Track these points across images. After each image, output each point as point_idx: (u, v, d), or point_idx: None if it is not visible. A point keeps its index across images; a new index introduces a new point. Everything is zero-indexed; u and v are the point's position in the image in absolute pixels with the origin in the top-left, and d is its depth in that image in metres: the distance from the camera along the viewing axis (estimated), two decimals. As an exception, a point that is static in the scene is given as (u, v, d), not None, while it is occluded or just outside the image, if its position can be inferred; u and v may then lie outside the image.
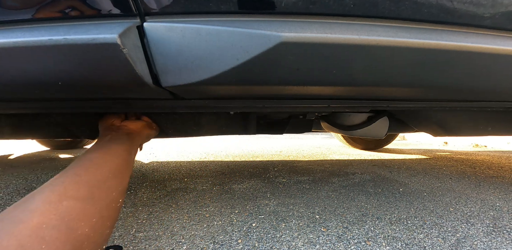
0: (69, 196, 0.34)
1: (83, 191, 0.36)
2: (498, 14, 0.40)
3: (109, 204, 0.38)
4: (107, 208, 0.38)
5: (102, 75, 0.35)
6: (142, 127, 0.61)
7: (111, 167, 0.42)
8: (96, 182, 0.38)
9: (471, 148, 2.56)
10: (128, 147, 0.51)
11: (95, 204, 0.36)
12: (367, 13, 0.37)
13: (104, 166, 0.42)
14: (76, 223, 0.32)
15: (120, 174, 0.43)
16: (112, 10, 0.34)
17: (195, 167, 1.36)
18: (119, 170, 0.44)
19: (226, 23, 0.35)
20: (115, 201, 0.40)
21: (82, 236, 0.32)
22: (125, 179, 0.45)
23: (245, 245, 0.57)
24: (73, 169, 0.39)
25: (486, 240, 0.61)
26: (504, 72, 0.45)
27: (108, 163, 0.43)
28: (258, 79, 0.39)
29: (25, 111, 0.58)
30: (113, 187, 0.40)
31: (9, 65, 0.34)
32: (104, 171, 0.41)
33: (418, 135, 3.38)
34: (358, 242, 0.59)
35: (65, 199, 0.33)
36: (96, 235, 0.34)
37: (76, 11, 0.34)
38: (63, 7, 0.33)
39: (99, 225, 0.35)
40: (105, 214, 0.37)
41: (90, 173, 0.39)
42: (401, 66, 0.40)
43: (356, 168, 1.36)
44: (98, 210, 0.36)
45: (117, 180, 0.42)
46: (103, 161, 0.43)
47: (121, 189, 0.42)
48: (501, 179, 1.18)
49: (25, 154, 1.77)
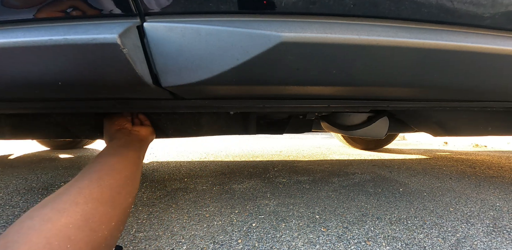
0: (94, 199, 0.35)
1: (106, 195, 0.37)
2: (498, 14, 0.40)
3: (126, 209, 0.40)
4: (124, 212, 0.39)
5: (102, 75, 0.35)
6: (150, 133, 0.63)
7: (128, 173, 0.43)
8: (117, 187, 0.39)
9: (471, 148, 2.56)
10: (140, 153, 0.52)
11: (115, 208, 0.37)
12: (367, 13, 0.37)
13: (123, 171, 0.43)
14: (98, 226, 0.33)
15: (135, 179, 0.45)
16: (112, 10, 0.34)
17: (195, 167, 1.36)
18: (134, 176, 0.45)
19: (226, 23, 0.34)
20: (130, 206, 0.41)
21: (102, 238, 0.33)
22: (137, 185, 0.46)
23: (245, 245, 0.57)
24: (96, 173, 0.40)
25: (486, 240, 0.61)
26: (504, 72, 0.45)
27: (126, 169, 0.44)
28: (258, 79, 0.39)
29: (25, 111, 0.58)
30: (130, 193, 0.42)
31: (9, 65, 0.34)
32: (123, 177, 0.42)
33: (418, 135, 3.38)
34: (358, 242, 0.59)
35: (90, 201, 0.34)
36: (112, 238, 0.36)
37: (76, 11, 0.34)
38: (63, 7, 0.33)
39: (116, 229, 0.36)
40: (122, 218, 0.38)
41: (111, 178, 0.40)
42: (401, 66, 0.40)
43: (356, 168, 1.36)
44: (117, 214, 0.37)
45: (133, 185, 0.43)
46: (122, 167, 0.43)
47: (135, 194, 0.44)
48: (501, 179, 1.18)
49: (25, 154, 1.77)
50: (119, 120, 0.60)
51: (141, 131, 0.59)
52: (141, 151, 0.53)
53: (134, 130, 0.59)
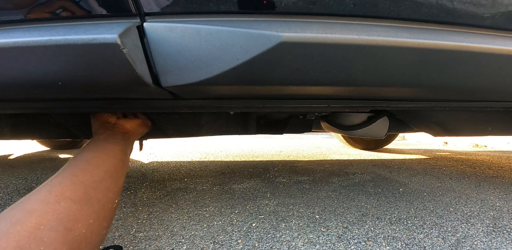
0: (66, 197, 0.34)
1: (80, 192, 0.35)
2: (498, 14, 0.40)
3: (106, 205, 0.38)
4: (103, 209, 0.38)
5: (102, 75, 0.35)
6: (137, 125, 0.60)
7: (107, 168, 0.42)
8: (92, 183, 0.38)
9: (471, 148, 2.56)
10: (123, 146, 0.50)
11: (92, 205, 0.36)
12: (367, 13, 0.37)
13: (101, 166, 0.41)
14: (74, 224, 0.32)
15: (116, 174, 0.43)
16: (112, 10, 0.34)
17: (195, 167, 1.36)
18: (115, 170, 0.43)
19: (226, 23, 0.35)
20: (111, 202, 0.40)
21: (80, 237, 0.32)
22: (121, 179, 0.45)
23: (245, 245, 0.57)
24: (70, 170, 0.39)
25: (486, 240, 0.61)
26: (504, 72, 0.45)
27: (105, 163, 0.42)
28: (258, 79, 0.39)
29: (25, 111, 0.58)
30: (110, 188, 0.40)
31: (9, 65, 0.34)
32: (101, 172, 0.40)
33: (418, 135, 3.38)
34: (358, 242, 0.59)
35: (62, 200, 0.33)
36: (93, 235, 0.34)
37: (76, 11, 0.34)
38: (63, 7, 0.33)
39: (96, 226, 0.35)
40: (102, 215, 0.37)
41: (87, 173, 0.39)
42: (401, 66, 0.40)
43: (356, 168, 1.36)
44: (95, 211, 0.36)
45: (113, 180, 0.42)
46: (99, 162, 0.42)
47: (117, 189, 0.42)
48: (501, 179, 1.18)
49: (25, 154, 1.77)
50: (104, 114, 0.58)
51: (125, 124, 0.57)
52: (126, 144, 0.51)
53: (118, 123, 0.56)
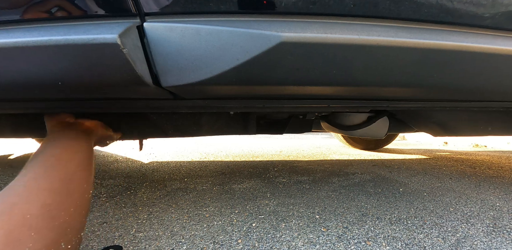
0: (45, 189, 0.37)
1: (57, 184, 0.39)
2: (498, 14, 0.40)
3: (83, 194, 0.42)
4: (81, 198, 0.41)
5: (102, 75, 0.35)
6: (97, 125, 0.62)
7: (78, 161, 0.45)
8: (67, 176, 0.41)
9: (471, 148, 2.56)
10: (87, 142, 0.52)
11: (71, 195, 0.39)
12: (367, 13, 0.37)
13: (72, 160, 0.44)
14: (57, 213, 0.35)
15: (87, 166, 0.46)
16: (112, 10, 0.34)
17: (195, 167, 1.36)
18: (86, 163, 0.46)
19: (226, 23, 0.35)
20: (87, 192, 0.43)
21: (65, 223, 0.36)
22: (92, 171, 0.48)
23: (245, 245, 0.57)
24: (40, 166, 0.41)
25: (486, 240, 0.61)
26: (504, 72, 0.45)
27: (74, 158, 0.45)
28: (258, 79, 0.39)
29: (25, 111, 0.58)
30: (84, 179, 0.43)
31: (9, 65, 0.34)
32: (73, 165, 0.43)
33: (418, 135, 3.38)
34: (358, 242, 0.59)
35: (41, 192, 0.36)
36: (75, 222, 0.38)
37: (76, 11, 0.34)
38: (63, 7, 0.33)
39: (77, 214, 0.39)
40: (80, 203, 0.40)
41: (59, 168, 0.41)
42: (401, 66, 0.40)
43: (356, 168, 1.36)
44: (74, 200, 0.39)
45: (85, 172, 0.45)
46: (68, 156, 0.45)
47: (90, 181, 0.45)
48: (501, 179, 1.18)
49: (25, 154, 1.77)
50: (59, 115, 0.59)
51: (85, 122, 0.59)
52: (89, 140, 0.54)
53: (78, 121, 0.59)
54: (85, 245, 0.56)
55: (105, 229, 0.64)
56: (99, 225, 0.66)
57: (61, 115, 0.59)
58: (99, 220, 0.69)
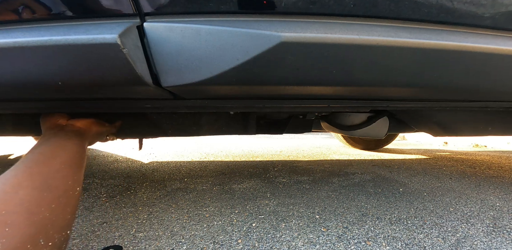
0: (25, 186, 0.37)
1: (37, 181, 0.38)
2: (498, 14, 0.40)
3: (66, 191, 0.41)
4: (65, 195, 0.41)
5: (102, 75, 0.35)
6: (89, 123, 0.61)
7: (63, 159, 0.45)
8: (50, 172, 0.41)
9: (471, 148, 2.56)
10: (78, 141, 0.52)
11: (52, 192, 0.39)
12: (367, 13, 0.37)
13: (56, 157, 0.44)
14: (36, 208, 0.35)
15: (74, 164, 0.46)
16: (112, 10, 0.34)
17: (195, 167, 1.36)
18: (73, 161, 0.46)
19: (226, 23, 0.35)
20: (72, 189, 0.43)
21: (45, 220, 0.35)
22: (80, 169, 0.47)
23: (245, 245, 0.57)
24: (24, 163, 0.41)
25: (486, 240, 0.61)
26: (504, 72, 0.45)
27: (60, 155, 0.45)
28: (258, 79, 0.39)
29: (25, 111, 0.58)
30: (68, 176, 0.43)
31: (9, 65, 0.34)
32: (56, 162, 0.43)
33: (418, 135, 3.38)
34: (358, 242, 0.59)
35: (20, 189, 0.36)
36: (58, 219, 0.37)
37: (76, 11, 0.34)
38: (63, 7, 0.33)
39: (60, 211, 0.38)
40: (63, 200, 0.40)
41: (42, 164, 0.41)
42: (401, 66, 0.40)
43: (356, 168, 1.36)
44: (56, 197, 0.39)
45: (71, 170, 0.44)
46: (53, 154, 0.45)
47: (76, 178, 0.45)
48: (501, 179, 1.18)
49: (25, 154, 1.77)
50: (53, 116, 0.59)
51: (76, 123, 0.59)
52: (80, 139, 0.54)
53: (69, 123, 0.59)
54: (85, 245, 0.56)
55: (105, 229, 0.64)
56: (99, 225, 0.66)
57: (55, 116, 0.59)
58: (99, 220, 0.69)
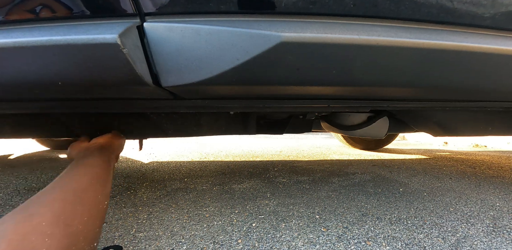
0: (59, 200, 0.40)
1: (71, 196, 0.42)
2: (498, 14, 0.40)
3: (97, 205, 0.45)
4: (95, 208, 0.44)
5: (102, 75, 0.35)
6: (110, 138, 0.67)
7: (92, 175, 0.49)
8: (81, 188, 0.45)
9: (471, 148, 2.56)
10: (104, 157, 0.57)
11: (84, 205, 0.42)
12: (367, 13, 0.37)
13: (87, 174, 0.49)
14: (71, 221, 0.37)
15: (102, 180, 0.50)
16: (112, 10, 0.34)
17: (195, 167, 1.36)
18: (100, 177, 0.50)
19: (226, 23, 0.35)
20: (102, 203, 0.46)
21: (78, 232, 0.38)
22: (108, 184, 0.51)
23: (245, 245, 0.57)
24: (58, 182, 0.45)
25: (486, 240, 0.61)
26: (504, 72, 0.45)
27: (88, 173, 0.50)
28: (258, 79, 0.39)
29: (25, 111, 0.58)
30: (98, 191, 0.47)
31: (9, 65, 0.34)
32: (87, 179, 0.47)
33: (418, 135, 3.38)
34: (358, 242, 0.59)
35: (56, 202, 0.39)
36: (89, 231, 0.40)
37: (76, 11, 0.34)
38: (63, 7, 0.33)
39: (91, 223, 0.41)
40: (94, 214, 0.43)
41: (74, 182, 0.46)
42: (401, 66, 0.40)
43: (356, 168, 1.36)
44: (87, 210, 0.42)
45: (100, 185, 0.48)
46: (83, 171, 0.50)
47: (105, 192, 0.49)
48: (501, 179, 1.18)
49: (25, 154, 1.77)
50: (76, 143, 0.67)
51: (98, 140, 0.65)
52: (106, 155, 0.59)
53: (92, 142, 0.65)
54: (85, 245, 0.56)
55: (105, 229, 0.64)
56: (99, 225, 0.66)
57: (78, 141, 0.67)
58: (99, 220, 0.69)
